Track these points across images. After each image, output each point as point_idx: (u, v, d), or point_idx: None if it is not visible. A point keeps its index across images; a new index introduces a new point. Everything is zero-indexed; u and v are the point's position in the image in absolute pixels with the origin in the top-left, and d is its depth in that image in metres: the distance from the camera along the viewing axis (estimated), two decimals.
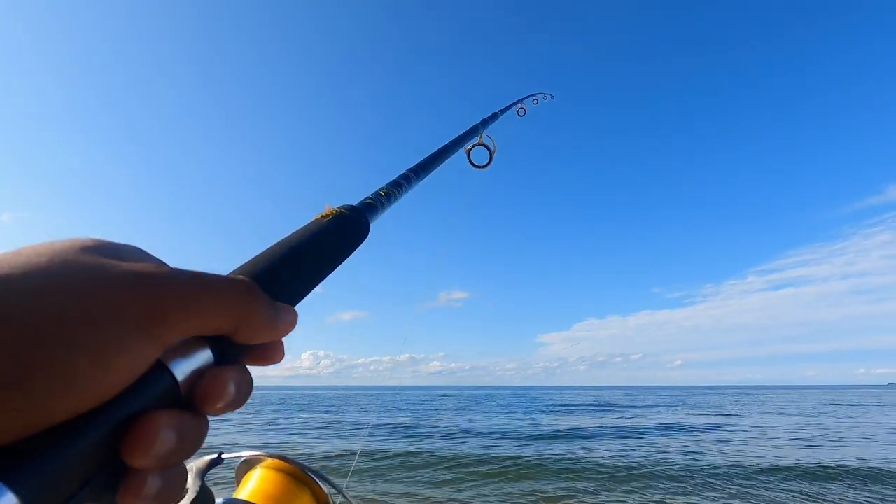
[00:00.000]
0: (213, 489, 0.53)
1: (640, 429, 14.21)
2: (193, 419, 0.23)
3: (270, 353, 0.29)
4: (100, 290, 0.20)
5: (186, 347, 0.24)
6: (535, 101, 1.83)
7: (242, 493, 0.56)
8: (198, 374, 0.24)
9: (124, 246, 0.25)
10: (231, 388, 0.24)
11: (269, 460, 0.58)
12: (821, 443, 10.91)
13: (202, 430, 0.23)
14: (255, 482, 0.56)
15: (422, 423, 16.52)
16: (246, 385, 0.25)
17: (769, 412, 22.27)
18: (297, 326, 0.29)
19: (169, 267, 0.24)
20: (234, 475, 0.64)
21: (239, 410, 0.25)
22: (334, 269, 0.37)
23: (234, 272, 0.30)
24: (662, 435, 12.57)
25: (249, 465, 0.60)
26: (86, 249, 0.22)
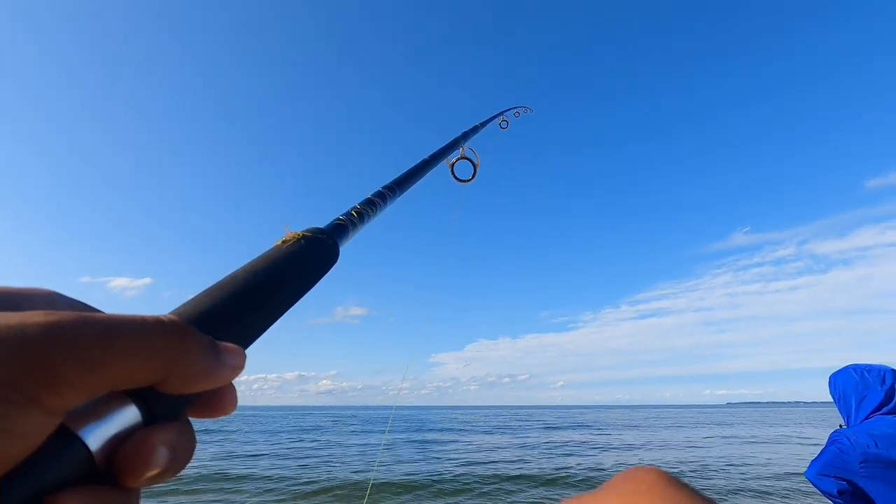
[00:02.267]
0: None
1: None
2: (115, 496, 0.19)
3: (218, 401, 0.23)
4: None
5: (101, 408, 0.19)
6: (517, 114, 1.71)
7: None
8: (119, 440, 0.20)
9: (33, 292, 0.20)
10: (161, 454, 0.20)
11: None
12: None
13: (127, 500, 0.19)
14: None
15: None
16: (185, 445, 0.21)
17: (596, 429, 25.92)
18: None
19: (75, 314, 0.19)
20: None
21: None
22: (297, 300, 0.33)
23: (170, 313, 0.24)
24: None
25: None
26: None
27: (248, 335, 0.27)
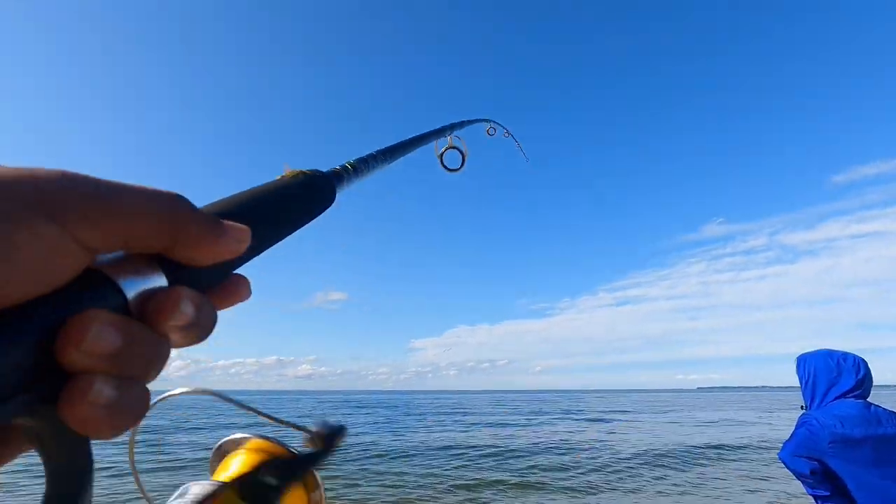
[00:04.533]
0: (190, 479, 0.49)
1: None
2: (146, 330, 0.20)
3: (233, 287, 0.26)
4: (3, 183, 0.18)
5: (137, 265, 0.21)
6: (501, 133, 1.74)
7: (223, 475, 0.52)
8: (150, 293, 0.21)
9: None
10: (187, 307, 0.22)
11: (250, 441, 0.53)
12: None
13: (157, 346, 0.21)
14: (238, 465, 0.51)
15: None
16: (206, 311, 0.23)
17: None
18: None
19: (88, 176, 0.21)
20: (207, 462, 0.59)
21: None
22: (295, 230, 0.34)
23: None
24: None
25: (226, 449, 0.54)
26: None
27: (247, 253, 0.28)
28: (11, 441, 0.20)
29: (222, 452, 0.54)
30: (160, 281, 0.22)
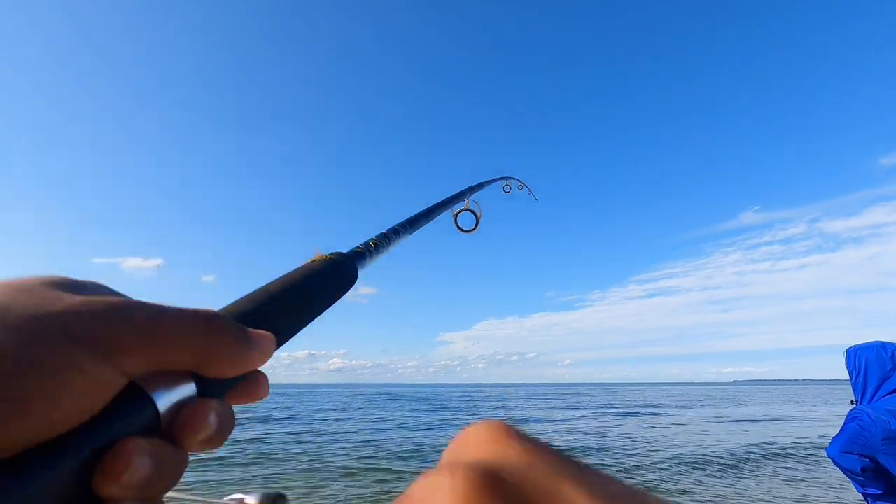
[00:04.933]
0: None
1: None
2: (173, 451, 0.22)
3: (253, 388, 0.29)
4: (52, 318, 0.20)
5: (169, 378, 0.23)
6: (516, 187, 1.81)
7: None
8: (180, 406, 0.23)
9: (88, 282, 0.24)
10: (212, 421, 0.23)
11: None
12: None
13: (181, 465, 0.22)
14: None
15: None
16: (228, 420, 0.25)
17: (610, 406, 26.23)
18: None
19: (130, 300, 0.23)
20: None
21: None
22: (321, 312, 0.37)
23: (219, 310, 0.29)
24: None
25: None
26: (46, 284, 0.21)
27: (279, 335, 0.31)
28: None
29: None
30: (190, 390, 0.23)
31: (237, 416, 0.26)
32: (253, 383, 0.29)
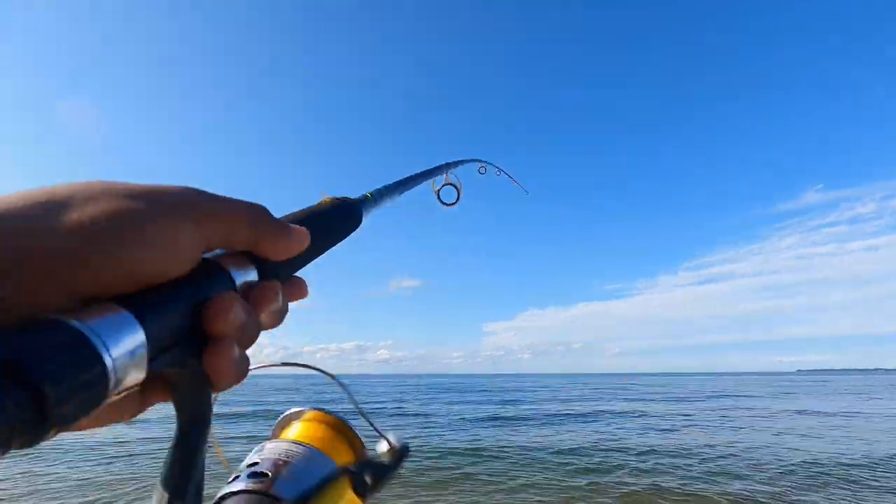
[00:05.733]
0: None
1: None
2: (252, 311, 0.28)
3: (297, 286, 0.35)
4: (153, 191, 0.25)
5: (237, 260, 0.28)
6: (493, 172, 1.83)
7: (289, 434, 0.55)
8: (248, 285, 0.28)
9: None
10: (279, 298, 0.30)
11: (309, 412, 0.58)
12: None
13: (258, 326, 0.28)
14: (297, 429, 0.55)
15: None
16: (286, 301, 0.31)
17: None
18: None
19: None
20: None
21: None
22: (328, 248, 0.41)
23: None
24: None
25: (288, 419, 0.59)
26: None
27: (294, 263, 0.35)
28: (154, 389, 0.26)
29: (286, 421, 0.60)
30: (253, 274, 0.29)
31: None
32: (296, 284, 0.35)
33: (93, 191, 0.23)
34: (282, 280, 0.32)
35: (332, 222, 0.42)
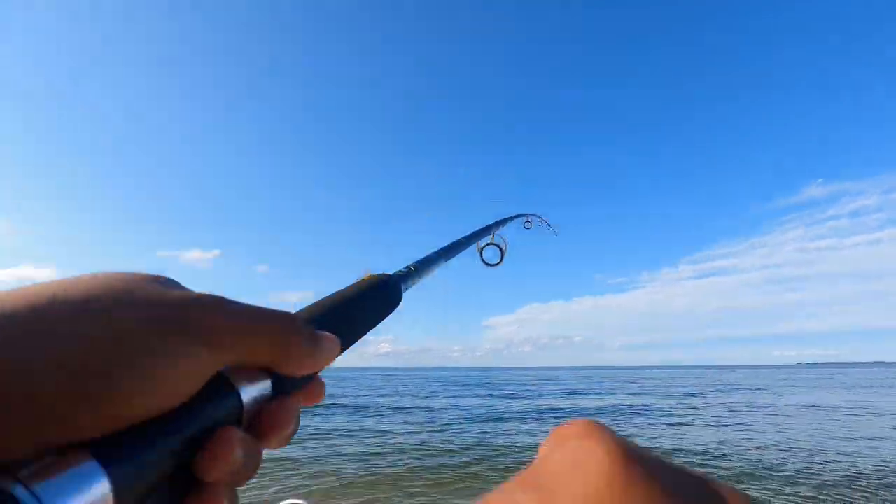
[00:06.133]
0: None
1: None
2: (255, 443, 0.23)
3: (313, 391, 0.31)
4: (166, 305, 0.21)
5: (250, 374, 0.24)
6: (536, 222, 1.85)
7: None
8: (259, 402, 0.25)
9: (162, 277, 0.26)
10: (295, 418, 0.26)
11: None
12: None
13: (259, 457, 0.24)
14: None
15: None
16: (299, 419, 0.27)
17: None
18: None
19: (213, 294, 0.25)
20: None
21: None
22: (373, 326, 0.39)
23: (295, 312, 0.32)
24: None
25: None
26: (148, 279, 0.23)
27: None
28: None
29: None
30: (266, 385, 0.25)
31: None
32: (314, 386, 0.31)
33: (109, 300, 0.20)
34: (302, 388, 0.30)
35: (369, 307, 0.39)
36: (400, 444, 8.75)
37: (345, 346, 0.34)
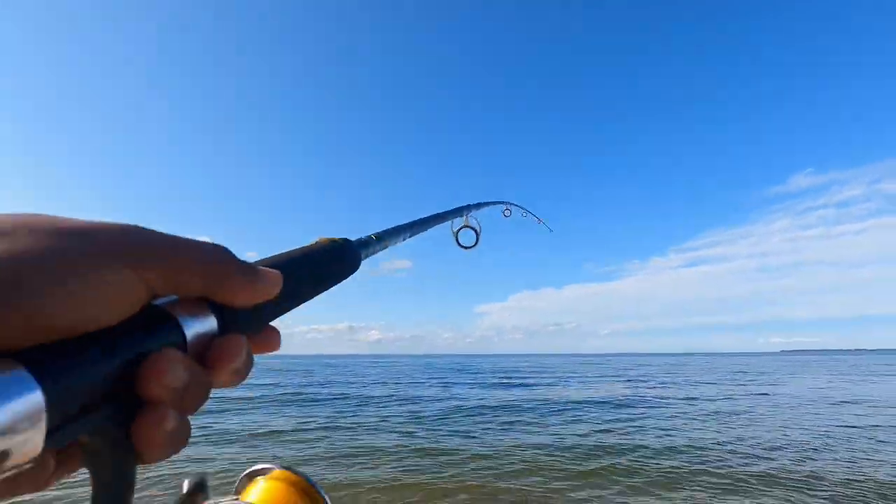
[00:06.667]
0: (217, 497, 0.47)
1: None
2: (202, 372, 0.23)
3: (268, 337, 0.31)
4: (87, 228, 0.21)
5: (192, 307, 0.24)
6: (519, 213, 1.79)
7: (249, 498, 0.53)
8: (204, 337, 0.24)
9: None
10: (243, 353, 0.25)
11: (276, 471, 0.54)
12: None
13: (208, 387, 0.24)
14: (260, 492, 0.53)
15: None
16: (250, 358, 0.26)
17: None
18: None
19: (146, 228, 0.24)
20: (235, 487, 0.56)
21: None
22: (323, 290, 0.38)
23: None
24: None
25: (253, 476, 0.56)
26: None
27: (283, 303, 0.32)
28: (72, 455, 0.22)
29: (250, 477, 0.56)
30: (212, 323, 0.25)
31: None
32: (267, 335, 0.31)
33: (8, 225, 0.19)
34: (251, 331, 0.29)
35: (321, 266, 0.39)
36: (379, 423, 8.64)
37: (294, 298, 0.34)
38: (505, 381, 22.67)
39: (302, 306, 0.36)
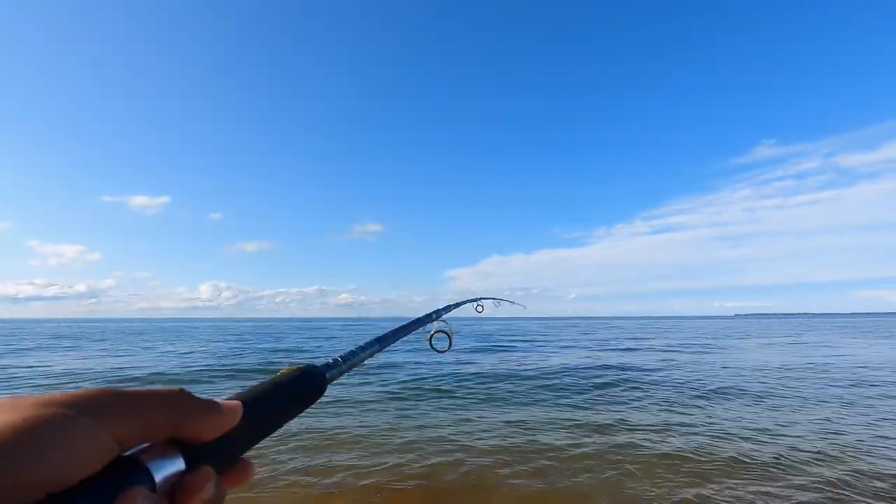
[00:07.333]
0: None
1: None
2: None
3: (240, 471, 0.31)
4: (52, 399, 0.25)
5: (159, 450, 0.27)
6: (493, 304, 1.96)
7: None
8: (173, 476, 0.27)
9: None
10: (212, 486, 0.28)
11: None
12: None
13: None
14: None
15: None
16: (220, 491, 0.28)
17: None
18: (197, 259, 0.44)
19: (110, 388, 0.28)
20: None
21: None
22: (289, 419, 0.40)
23: None
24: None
25: None
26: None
27: (250, 437, 0.32)
28: None
29: None
30: (179, 463, 0.28)
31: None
32: (240, 468, 0.31)
33: None
34: (222, 465, 0.30)
35: (286, 394, 0.39)
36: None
37: (261, 427, 0.34)
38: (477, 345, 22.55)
39: (272, 264, 0.37)
